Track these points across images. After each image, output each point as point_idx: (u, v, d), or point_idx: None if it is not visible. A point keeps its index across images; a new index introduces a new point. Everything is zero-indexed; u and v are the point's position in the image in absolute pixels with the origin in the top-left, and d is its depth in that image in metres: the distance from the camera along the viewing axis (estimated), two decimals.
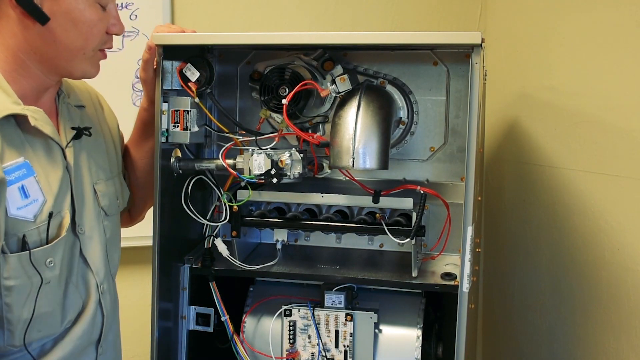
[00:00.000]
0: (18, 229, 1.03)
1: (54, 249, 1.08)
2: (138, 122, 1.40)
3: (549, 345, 1.74)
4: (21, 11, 1.02)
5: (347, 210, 1.49)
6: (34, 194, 1.05)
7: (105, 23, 1.13)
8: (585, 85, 1.54)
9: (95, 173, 1.22)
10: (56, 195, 1.09)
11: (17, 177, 1.02)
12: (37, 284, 1.06)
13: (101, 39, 1.14)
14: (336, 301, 1.38)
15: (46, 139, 1.10)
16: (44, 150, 1.09)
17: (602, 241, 1.47)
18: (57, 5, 1.05)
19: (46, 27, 1.04)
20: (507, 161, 1.96)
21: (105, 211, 1.23)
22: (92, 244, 1.19)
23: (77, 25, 1.08)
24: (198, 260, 1.44)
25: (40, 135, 1.08)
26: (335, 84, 1.33)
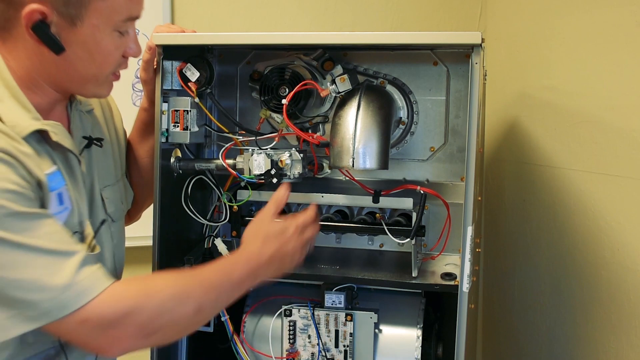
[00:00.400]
0: None
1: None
2: (138, 122, 1.40)
3: (549, 345, 1.74)
4: (37, 39, 1.01)
5: (347, 210, 1.49)
6: (66, 202, 1.06)
7: (123, 49, 1.11)
8: (585, 85, 1.54)
9: (102, 180, 1.22)
10: (79, 206, 1.11)
11: (56, 184, 1.04)
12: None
13: (117, 64, 1.12)
14: (336, 301, 1.38)
15: (65, 152, 1.10)
16: (64, 162, 1.10)
17: (602, 241, 1.47)
18: (74, 35, 1.03)
19: (61, 55, 1.03)
20: (507, 161, 1.96)
21: (112, 218, 1.24)
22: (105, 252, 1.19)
23: (93, 55, 1.06)
24: (198, 260, 1.43)
25: (60, 149, 1.09)
26: (335, 84, 1.33)
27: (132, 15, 1.09)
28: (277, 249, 1.19)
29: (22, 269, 0.94)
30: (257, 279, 1.17)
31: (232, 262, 1.15)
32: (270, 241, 1.19)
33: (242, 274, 1.13)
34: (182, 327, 1.08)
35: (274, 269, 1.20)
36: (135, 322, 0.99)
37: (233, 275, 1.12)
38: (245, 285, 1.15)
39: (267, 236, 1.19)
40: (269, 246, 1.18)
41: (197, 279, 1.09)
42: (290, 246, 1.21)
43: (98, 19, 1.03)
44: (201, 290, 1.07)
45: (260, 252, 1.17)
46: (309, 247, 1.27)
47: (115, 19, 1.06)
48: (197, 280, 1.08)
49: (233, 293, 1.13)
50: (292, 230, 1.22)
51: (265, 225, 1.22)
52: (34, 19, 0.99)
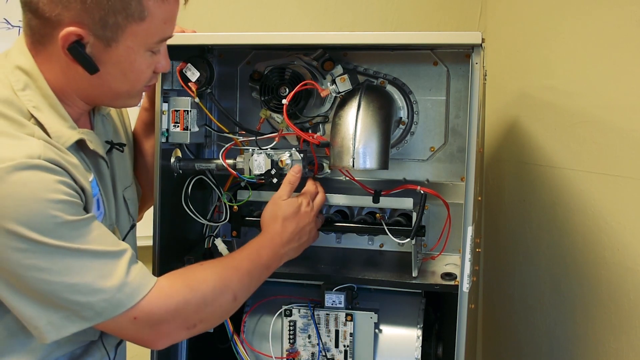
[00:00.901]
0: None
1: None
2: (139, 122, 1.40)
3: (549, 345, 1.74)
4: (71, 58, 1.02)
5: (347, 210, 1.49)
6: (101, 207, 1.12)
7: (154, 65, 1.12)
8: (585, 85, 1.54)
9: (122, 182, 1.25)
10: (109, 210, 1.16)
11: (95, 191, 1.09)
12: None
13: (148, 80, 1.13)
14: (336, 301, 1.38)
15: (97, 158, 1.13)
16: (96, 168, 1.13)
17: (602, 241, 1.47)
18: (108, 55, 1.03)
19: (95, 74, 1.04)
20: (507, 161, 1.96)
21: (133, 217, 1.27)
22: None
23: (126, 74, 1.07)
24: (198, 260, 1.43)
25: (93, 156, 1.12)
26: (335, 84, 1.33)
27: (165, 36, 1.10)
28: (296, 226, 1.26)
29: (76, 273, 0.97)
30: (282, 259, 1.25)
31: (258, 247, 1.21)
32: (289, 220, 1.26)
33: (269, 257, 1.21)
34: (222, 315, 1.17)
35: (296, 247, 1.28)
36: (182, 317, 1.06)
37: (262, 260, 1.19)
38: (272, 267, 1.23)
39: (285, 216, 1.26)
40: (289, 225, 1.26)
41: (231, 268, 1.15)
42: (306, 221, 1.28)
43: (133, 41, 1.04)
44: (237, 278, 1.14)
45: (282, 232, 1.24)
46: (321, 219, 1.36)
47: (149, 41, 1.07)
48: (233, 269, 1.15)
49: (262, 276, 1.21)
50: (305, 205, 1.29)
51: (282, 206, 1.27)
52: (70, 41, 1.00)
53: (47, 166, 0.96)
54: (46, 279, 0.96)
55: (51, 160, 0.97)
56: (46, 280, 0.96)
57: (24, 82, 1.03)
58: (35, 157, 0.95)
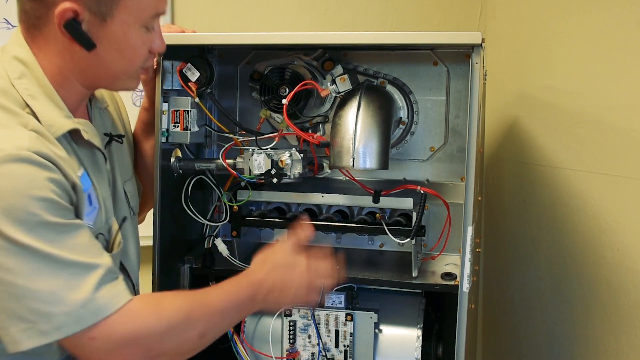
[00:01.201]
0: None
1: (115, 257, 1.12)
2: (139, 122, 1.40)
3: (549, 345, 1.74)
4: (69, 36, 1.02)
5: (347, 210, 1.49)
6: (94, 202, 1.08)
7: (149, 44, 1.13)
8: (585, 85, 1.54)
9: (123, 174, 1.24)
10: (106, 204, 1.13)
11: (85, 185, 1.05)
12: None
13: (144, 59, 1.14)
14: (336, 301, 1.38)
15: (93, 150, 1.12)
16: (92, 160, 1.11)
17: (602, 241, 1.47)
18: (104, 32, 1.04)
19: (92, 52, 1.05)
20: (507, 161, 1.96)
21: (134, 211, 1.26)
22: (130, 247, 1.21)
23: (122, 51, 1.08)
24: (198, 260, 1.44)
25: (89, 147, 1.10)
26: (335, 84, 1.33)
27: (158, 12, 1.11)
28: (282, 279, 1.15)
29: (43, 279, 0.93)
30: (256, 305, 1.14)
31: (235, 286, 1.13)
32: (276, 270, 1.16)
33: (243, 299, 1.12)
34: (186, 351, 1.07)
35: (274, 299, 1.16)
36: (143, 344, 1.00)
37: (235, 300, 1.11)
38: (245, 311, 1.14)
39: (275, 264, 1.16)
40: (275, 274, 1.15)
41: (203, 303, 1.08)
42: (296, 281, 1.16)
43: (127, 16, 1.05)
44: (207, 315, 1.07)
45: (264, 279, 1.14)
46: (320, 294, 1.21)
47: (143, 16, 1.08)
48: (204, 305, 1.08)
49: (234, 317, 1.13)
50: (303, 267, 1.17)
51: (276, 252, 1.19)
52: (66, 17, 1.01)
53: (38, 160, 0.94)
54: (10, 281, 0.92)
55: (41, 153, 0.95)
56: (10, 282, 0.92)
57: (21, 71, 1.03)
58: (24, 149, 0.93)
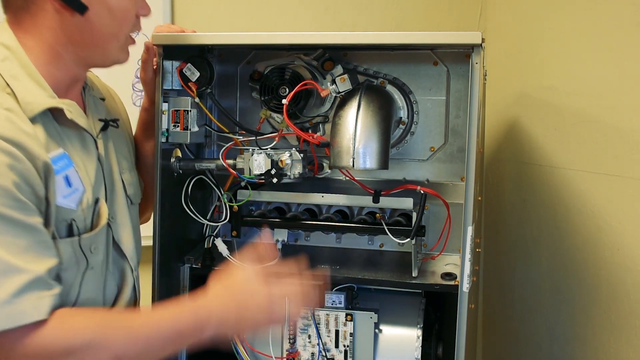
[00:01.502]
0: (65, 216, 1.04)
1: (98, 236, 1.11)
2: (140, 122, 1.40)
3: (549, 345, 1.74)
4: (59, 3, 1.04)
5: (347, 210, 1.49)
6: (75, 183, 1.06)
7: (136, 8, 1.14)
8: (585, 85, 1.54)
9: (121, 163, 1.24)
10: (93, 186, 1.11)
11: (61, 167, 1.03)
12: (82, 269, 1.08)
13: (132, 24, 1.15)
14: (336, 301, 1.38)
15: (80, 131, 1.11)
16: (79, 142, 1.11)
17: (602, 241, 1.47)
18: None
19: (83, 16, 1.06)
20: (507, 161, 1.96)
21: (131, 200, 1.26)
22: (125, 232, 1.21)
23: (112, 12, 1.09)
24: (198, 260, 1.44)
25: (75, 128, 1.10)
26: (335, 84, 1.33)
27: None
28: (237, 309, 1.06)
29: None
30: (206, 332, 1.04)
31: (176, 312, 1.05)
32: (232, 298, 1.07)
33: (185, 325, 1.03)
34: None
35: (230, 328, 1.08)
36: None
37: (173, 327, 1.03)
38: (190, 337, 1.04)
39: (232, 292, 1.07)
40: (229, 303, 1.06)
41: (123, 326, 1.01)
42: (254, 310, 1.06)
43: None
44: (125, 339, 0.99)
45: (215, 307, 1.05)
46: (285, 319, 1.09)
47: None
48: (124, 327, 1.01)
49: (169, 345, 1.04)
50: (264, 295, 1.07)
51: (236, 280, 1.09)
52: None
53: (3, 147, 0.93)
54: None
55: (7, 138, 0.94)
56: None
57: (4, 54, 1.04)
58: None
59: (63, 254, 1.03)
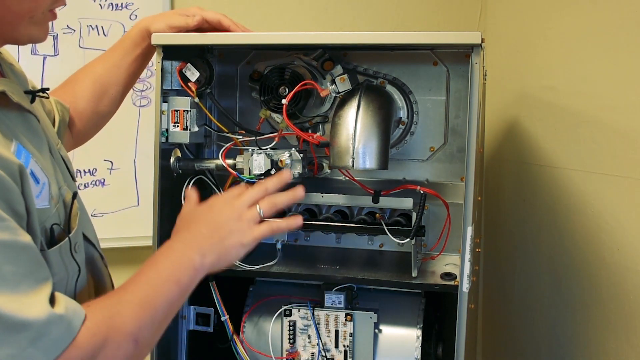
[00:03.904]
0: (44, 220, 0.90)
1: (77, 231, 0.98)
2: (127, 43, 1.33)
3: (549, 345, 1.74)
4: None
5: (347, 210, 1.49)
6: (40, 176, 0.91)
7: None
8: (585, 85, 1.54)
9: (54, 135, 1.10)
10: (53, 173, 0.97)
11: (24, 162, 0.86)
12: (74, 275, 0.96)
13: (51, 2, 0.96)
14: (336, 301, 1.38)
15: (23, 113, 0.95)
16: (26, 126, 0.94)
17: (602, 241, 1.47)
18: None
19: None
20: (507, 161, 1.96)
21: (72, 176, 1.10)
22: (84, 216, 1.07)
23: None
24: None
25: (18, 110, 0.93)
26: (335, 84, 1.33)
27: None
28: (206, 223, 1.00)
29: None
30: (196, 267, 0.97)
31: (163, 265, 0.97)
32: (197, 219, 1.02)
33: (178, 271, 0.96)
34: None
35: (214, 248, 1.00)
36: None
37: (170, 278, 0.95)
38: (186, 282, 0.97)
39: (191, 217, 1.03)
40: (197, 223, 1.01)
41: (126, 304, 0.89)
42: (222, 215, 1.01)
43: None
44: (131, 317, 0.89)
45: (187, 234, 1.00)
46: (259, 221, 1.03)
47: None
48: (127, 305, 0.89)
49: (174, 299, 0.96)
50: (220, 201, 1.03)
51: (184, 211, 1.05)
52: None
53: None
54: None
55: None
56: None
57: None
58: None
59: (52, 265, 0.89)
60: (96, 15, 2.01)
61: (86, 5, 2.01)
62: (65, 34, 2.01)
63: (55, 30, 2.01)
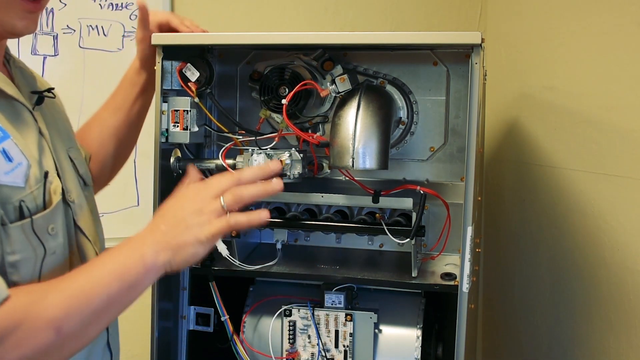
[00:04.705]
0: (12, 196, 0.92)
1: (54, 215, 0.98)
2: (126, 84, 1.36)
3: (549, 345, 1.74)
4: None
5: (347, 210, 1.49)
6: (16, 157, 0.93)
7: None
8: (585, 85, 1.54)
9: (66, 140, 1.14)
10: (38, 159, 0.98)
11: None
12: (40, 256, 0.96)
13: None
14: (336, 301, 1.38)
15: (10, 101, 0.99)
16: (11, 113, 0.98)
17: (602, 241, 1.47)
18: None
19: None
20: (507, 161, 1.96)
21: (84, 180, 1.15)
22: (83, 213, 1.10)
23: None
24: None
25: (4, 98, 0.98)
26: (335, 84, 1.33)
27: None
28: (164, 217, 0.98)
29: None
30: (146, 261, 0.94)
31: (108, 254, 0.95)
32: (158, 217, 0.99)
33: (123, 264, 0.93)
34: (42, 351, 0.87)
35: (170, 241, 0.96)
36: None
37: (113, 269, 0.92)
38: (132, 277, 0.93)
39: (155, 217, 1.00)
40: (156, 219, 0.99)
41: (56, 291, 0.89)
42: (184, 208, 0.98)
43: None
44: (58, 305, 0.87)
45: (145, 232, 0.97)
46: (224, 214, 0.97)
47: None
48: (56, 292, 0.88)
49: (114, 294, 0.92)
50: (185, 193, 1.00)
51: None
52: None
53: None
54: None
55: None
56: None
57: None
58: None
59: (14, 241, 0.91)
60: (96, 15, 2.01)
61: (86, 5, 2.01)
62: (65, 34, 2.01)
63: (55, 30, 2.01)
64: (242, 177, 1.00)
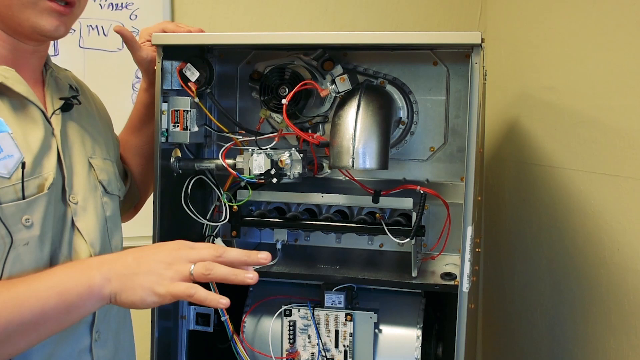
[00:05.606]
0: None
1: (31, 206, 0.99)
2: (138, 105, 1.39)
3: (549, 345, 1.74)
4: None
5: (347, 210, 1.49)
6: (8, 149, 0.96)
7: None
8: (585, 85, 1.54)
9: (90, 148, 1.17)
10: (36, 155, 1.02)
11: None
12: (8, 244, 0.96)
13: None
14: (336, 301, 1.38)
15: (22, 100, 1.03)
16: (21, 111, 1.03)
17: (602, 241, 1.47)
18: None
19: None
20: (507, 161, 1.96)
21: (105, 187, 1.18)
22: (87, 216, 1.11)
23: None
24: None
25: (15, 96, 1.02)
26: (335, 84, 1.33)
27: None
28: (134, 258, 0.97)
29: None
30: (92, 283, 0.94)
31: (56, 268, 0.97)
32: (131, 252, 0.99)
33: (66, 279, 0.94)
34: None
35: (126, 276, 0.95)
36: None
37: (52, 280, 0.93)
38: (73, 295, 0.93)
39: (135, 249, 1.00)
40: (125, 255, 0.98)
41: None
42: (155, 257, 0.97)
43: None
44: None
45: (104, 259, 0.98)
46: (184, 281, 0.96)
47: None
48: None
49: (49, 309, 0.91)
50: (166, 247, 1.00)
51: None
52: None
53: None
54: None
55: None
56: None
57: None
58: None
59: None
60: (96, 15, 2.01)
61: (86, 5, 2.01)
62: None
63: None
64: (225, 256, 1.00)
